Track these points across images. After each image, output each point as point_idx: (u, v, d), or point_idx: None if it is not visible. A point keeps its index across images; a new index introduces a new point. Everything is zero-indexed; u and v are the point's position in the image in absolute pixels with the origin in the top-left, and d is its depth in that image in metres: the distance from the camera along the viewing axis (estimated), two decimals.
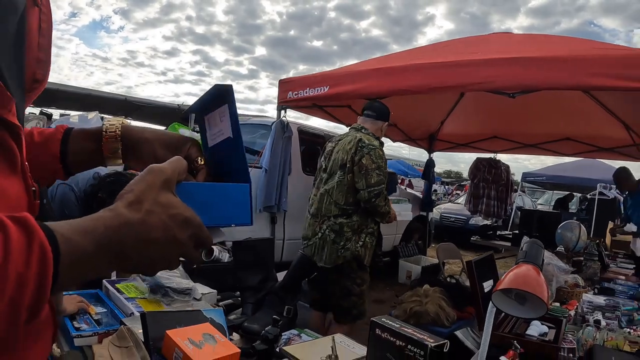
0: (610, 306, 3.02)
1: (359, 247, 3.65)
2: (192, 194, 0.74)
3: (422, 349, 1.43)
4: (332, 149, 3.95)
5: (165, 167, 0.68)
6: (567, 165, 13.27)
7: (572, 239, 5.22)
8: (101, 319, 1.98)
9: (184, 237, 0.64)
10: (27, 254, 0.48)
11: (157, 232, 0.61)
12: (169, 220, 0.63)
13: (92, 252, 0.55)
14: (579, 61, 3.55)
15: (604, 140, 7.10)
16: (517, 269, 1.58)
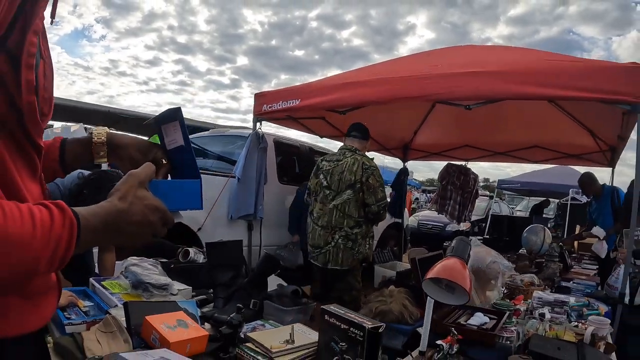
0: (559, 302, 3.24)
1: (367, 250, 4.52)
2: (159, 188, 1.05)
3: (362, 330, 1.67)
4: (331, 169, 4.58)
5: (140, 172, 1.01)
6: (542, 172, 13.45)
7: (536, 242, 5.44)
8: (89, 311, 2.23)
9: (155, 219, 0.97)
10: (62, 223, 0.81)
11: (137, 216, 0.94)
12: (145, 208, 0.95)
13: (99, 228, 0.89)
14: (529, 73, 3.77)
15: (571, 147, 7.26)
16: (446, 261, 1.82)
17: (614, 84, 3.56)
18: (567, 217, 10.40)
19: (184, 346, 1.78)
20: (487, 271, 3.06)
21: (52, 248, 0.78)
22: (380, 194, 4.43)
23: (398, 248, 8.84)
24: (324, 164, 4.69)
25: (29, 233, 0.75)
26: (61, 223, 0.80)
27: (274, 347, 1.89)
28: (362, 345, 1.66)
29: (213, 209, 5.52)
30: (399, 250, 8.81)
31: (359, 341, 1.67)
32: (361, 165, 4.42)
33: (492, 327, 2.53)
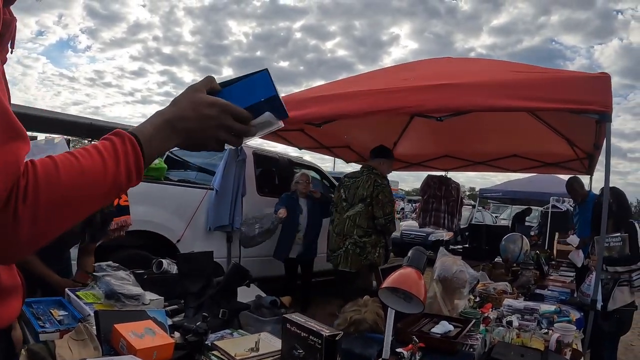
0: (528, 309, 3.28)
1: (375, 257, 5.12)
2: (224, 93, 1.07)
3: (320, 338, 1.72)
4: (350, 184, 5.37)
5: (196, 83, 1.07)
6: (523, 181, 13.58)
7: (514, 250, 5.47)
8: (63, 320, 2.28)
9: (213, 112, 1.01)
10: (122, 142, 0.93)
11: (188, 111, 1.01)
12: (195, 105, 1.01)
13: (153, 132, 0.99)
14: (497, 85, 3.84)
15: (550, 156, 7.35)
16: (402, 270, 1.87)
17: (581, 94, 3.62)
18: (548, 225, 10.47)
19: (150, 353, 1.83)
20: (454, 280, 3.11)
21: (124, 163, 0.92)
22: (388, 208, 5.13)
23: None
24: (345, 180, 5.54)
25: (99, 161, 0.89)
26: (121, 142, 0.93)
27: (239, 355, 1.93)
28: (320, 353, 1.70)
29: (192, 221, 5.56)
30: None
31: (317, 349, 1.72)
32: (373, 182, 5.15)
33: (455, 335, 2.57)
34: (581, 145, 6.35)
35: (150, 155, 0.98)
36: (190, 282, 2.72)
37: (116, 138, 0.94)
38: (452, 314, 3.07)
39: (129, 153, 0.93)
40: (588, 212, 6.17)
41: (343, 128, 5.15)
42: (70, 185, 0.84)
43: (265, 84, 1.08)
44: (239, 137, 1.08)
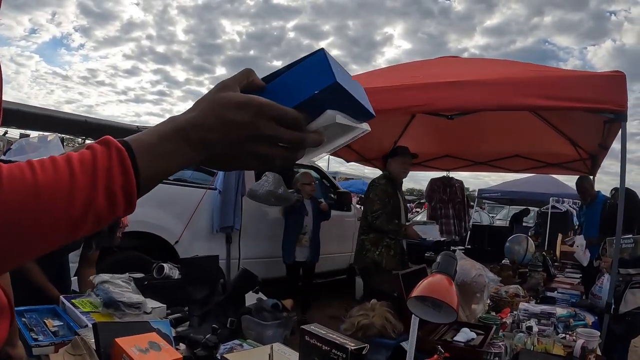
0: (545, 313, 3.17)
1: (376, 255, 5.07)
2: (273, 89, 0.74)
3: (344, 352, 1.57)
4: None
5: (225, 79, 0.75)
6: (522, 181, 13.55)
7: (519, 251, 5.38)
8: (58, 331, 2.11)
9: (243, 118, 0.69)
10: (108, 154, 0.65)
11: (209, 117, 0.70)
12: (218, 107, 0.70)
13: (156, 142, 0.69)
14: (511, 83, 3.73)
15: (552, 156, 7.30)
16: (431, 278, 1.73)
17: (597, 93, 3.56)
18: (547, 226, 10.39)
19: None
20: (473, 285, 2.98)
21: (104, 183, 0.65)
22: (375, 206, 5.12)
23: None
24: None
25: (65, 178, 0.63)
26: (106, 155, 0.66)
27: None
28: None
29: (191, 222, 5.42)
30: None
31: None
32: (370, 182, 5.45)
33: (479, 343, 2.45)
34: (584, 145, 6.32)
35: (148, 174, 0.69)
36: (194, 289, 2.56)
37: (100, 147, 0.67)
38: (469, 319, 2.95)
39: (114, 169, 0.66)
40: (595, 212, 6.08)
41: None
42: (15, 208, 0.60)
43: (321, 68, 0.72)
44: (293, 150, 0.74)
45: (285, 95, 0.72)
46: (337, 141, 0.83)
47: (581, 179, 6.60)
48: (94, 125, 9.46)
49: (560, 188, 12.57)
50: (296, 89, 0.73)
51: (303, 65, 0.75)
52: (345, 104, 0.76)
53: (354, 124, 0.79)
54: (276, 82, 0.76)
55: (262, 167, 0.76)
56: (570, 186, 12.45)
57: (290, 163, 0.77)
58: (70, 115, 9.60)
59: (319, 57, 0.74)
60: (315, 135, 0.74)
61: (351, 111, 0.78)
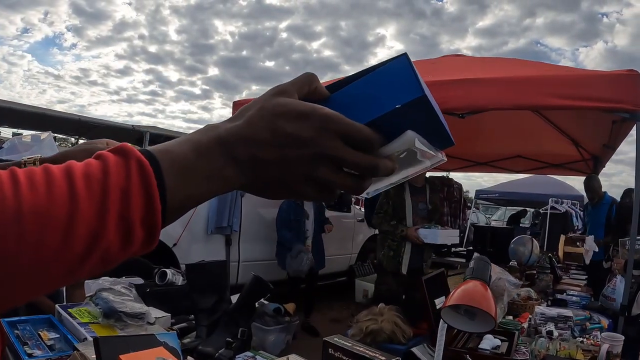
0: (562, 317, 3.08)
1: (381, 255, 5.17)
2: (342, 99, 0.59)
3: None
4: None
5: (282, 84, 0.59)
6: (519, 182, 13.53)
7: (524, 253, 5.29)
8: (54, 344, 1.94)
9: (305, 132, 0.53)
10: (126, 169, 0.48)
11: (261, 131, 0.54)
12: (273, 116, 0.54)
13: (192, 157, 0.52)
14: (525, 82, 3.66)
15: (554, 157, 7.29)
16: (465, 285, 1.61)
17: (612, 92, 3.50)
18: (547, 227, 10.34)
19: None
20: (494, 289, 2.87)
21: (117, 210, 0.47)
22: (378, 206, 5.24)
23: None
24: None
25: (63, 200, 0.45)
26: (123, 170, 0.48)
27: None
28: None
29: (189, 224, 5.29)
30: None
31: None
32: None
33: (506, 351, 2.34)
34: (587, 146, 6.30)
35: (178, 199, 0.52)
36: (200, 296, 2.41)
37: (114, 158, 0.50)
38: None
39: (133, 192, 0.48)
40: (601, 213, 6.00)
41: None
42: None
43: (404, 77, 0.56)
44: (361, 177, 0.58)
45: (356, 109, 0.57)
46: (406, 170, 0.67)
47: (590, 179, 6.50)
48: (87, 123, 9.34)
49: (558, 189, 12.53)
50: (370, 101, 0.57)
51: (380, 73, 0.58)
52: (426, 126, 0.59)
53: (431, 151, 0.63)
54: (344, 91, 0.60)
55: (318, 197, 0.59)
56: (570, 186, 12.44)
57: (355, 193, 0.61)
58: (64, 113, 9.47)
59: (401, 63, 0.58)
60: (388, 162, 0.57)
61: (430, 135, 0.62)
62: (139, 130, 9.87)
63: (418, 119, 0.57)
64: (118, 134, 10.06)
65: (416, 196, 5.16)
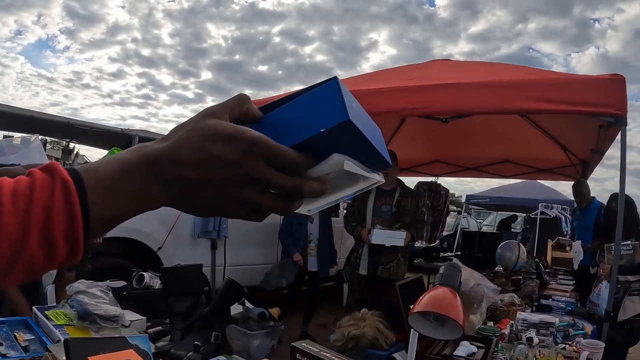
0: (544, 323, 3.07)
1: (352, 257, 5.46)
2: (272, 122, 0.61)
3: None
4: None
5: (213, 105, 0.60)
6: (510, 187, 13.55)
7: (511, 258, 5.28)
8: (29, 345, 1.96)
9: (231, 155, 0.54)
10: (51, 187, 0.51)
11: (188, 152, 0.55)
12: (201, 138, 0.55)
13: (118, 176, 0.54)
14: (509, 86, 3.66)
15: (543, 162, 7.29)
16: (434, 291, 1.60)
17: (597, 97, 3.50)
18: (536, 232, 10.37)
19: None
20: (472, 295, 2.85)
21: (39, 226, 0.49)
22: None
23: None
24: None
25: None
26: (47, 188, 0.51)
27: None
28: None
29: (174, 228, 5.26)
30: None
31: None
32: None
33: (482, 358, 2.32)
34: (575, 151, 6.32)
35: (102, 216, 0.54)
36: (176, 300, 2.40)
37: (41, 176, 0.52)
38: (467, 331, 2.82)
39: (55, 209, 0.51)
40: (590, 218, 6.00)
41: None
42: None
43: (332, 101, 0.58)
44: (288, 199, 0.59)
45: (285, 131, 0.58)
46: (343, 191, 0.68)
47: (579, 183, 6.49)
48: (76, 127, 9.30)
49: (548, 194, 12.59)
50: (299, 124, 0.58)
51: (310, 96, 0.60)
52: (357, 148, 0.61)
53: (365, 173, 0.64)
54: (276, 113, 0.61)
55: (248, 217, 0.59)
56: (559, 192, 12.48)
57: (283, 214, 0.62)
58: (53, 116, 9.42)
59: (330, 87, 0.59)
60: (316, 184, 0.59)
61: (364, 157, 0.63)
62: (128, 134, 9.84)
63: (346, 142, 0.58)
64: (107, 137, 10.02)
65: (381, 198, 5.24)
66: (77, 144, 11.07)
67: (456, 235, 12.04)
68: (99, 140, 10.56)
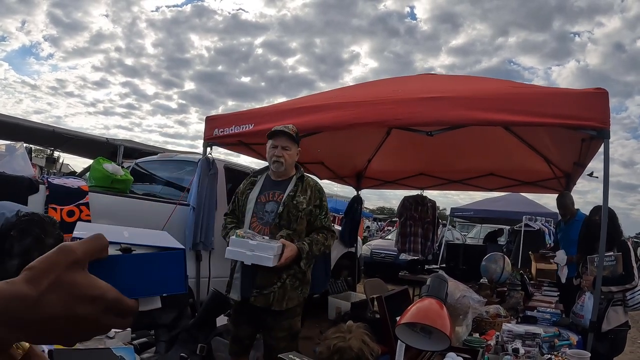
0: (530, 334, 3.08)
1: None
2: (118, 266, 0.71)
3: None
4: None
5: (75, 248, 0.65)
6: (494, 200, 13.62)
7: (496, 270, 5.31)
8: None
9: (92, 312, 0.62)
10: None
11: (55, 309, 0.60)
12: (70, 299, 0.61)
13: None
14: (493, 99, 3.69)
15: (527, 175, 7.31)
16: (420, 303, 1.60)
17: (579, 110, 3.54)
18: (520, 244, 10.44)
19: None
20: (458, 306, 2.86)
21: None
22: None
23: (352, 278, 8.68)
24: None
25: None
26: None
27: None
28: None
29: None
30: (352, 281, 8.66)
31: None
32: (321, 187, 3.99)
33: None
34: (559, 163, 6.36)
35: None
36: (160, 312, 2.38)
37: None
38: (454, 343, 2.83)
39: None
40: (574, 230, 6.02)
41: (320, 142, 4.90)
42: None
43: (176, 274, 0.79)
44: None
45: (133, 280, 0.72)
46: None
47: (563, 196, 6.53)
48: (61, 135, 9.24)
49: (532, 207, 12.66)
50: (146, 279, 0.74)
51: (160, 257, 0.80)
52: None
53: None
54: (129, 258, 0.76)
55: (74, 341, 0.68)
56: (543, 205, 12.56)
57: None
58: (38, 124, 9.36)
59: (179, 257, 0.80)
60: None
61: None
62: (113, 144, 9.79)
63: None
64: (91, 146, 9.95)
65: (267, 193, 3.71)
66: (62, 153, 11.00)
67: (441, 247, 12.08)
68: (83, 149, 10.51)
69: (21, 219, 2.60)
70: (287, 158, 3.63)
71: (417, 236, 8.01)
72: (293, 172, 3.76)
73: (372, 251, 13.88)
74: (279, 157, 3.61)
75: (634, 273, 4.06)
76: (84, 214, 3.86)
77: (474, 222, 20.86)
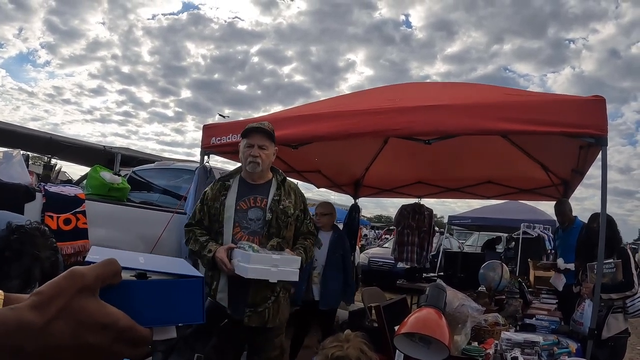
0: (529, 342, 3.07)
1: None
2: (132, 292, 0.69)
3: None
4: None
5: (86, 272, 0.62)
6: (492, 208, 13.61)
7: (494, 278, 5.29)
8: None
9: (102, 341, 0.61)
10: None
11: (62, 338, 0.58)
12: (79, 327, 0.59)
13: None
14: (491, 107, 3.68)
15: (525, 182, 7.30)
16: (418, 312, 1.59)
17: (577, 118, 3.51)
18: (519, 251, 10.42)
19: None
20: (456, 315, 2.85)
21: None
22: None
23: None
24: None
25: None
26: None
27: None
28: None
29: (156, 247, 5.19)
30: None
31: None
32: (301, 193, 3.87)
33: None
34: (557, 171, 6.35)
35: None
36: None
37: None
38: (452, 352, 2.81)
39: None
40: (572, 237, 6.02)
41: (318, 150, 4.89)
42: None
43: (193, 302, 0.77)
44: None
45: (147, 307, 0.70)
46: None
47: (561, 203, 6.54)
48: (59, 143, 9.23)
49: (530, 214, 12.64)
50: (161, 307, 0.72)
51: (178, 285, 0.76)
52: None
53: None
54: (144, 285, 0.73)
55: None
56: (541, 211, 12.54)
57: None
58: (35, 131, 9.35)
59: (194, 286, 0.77)
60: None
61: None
62: (111, 152, 9.76)
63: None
64: (89, 154, 9.93)
65: (246, 199, 3.43)
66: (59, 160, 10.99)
67: (439, 255, 12.06)
68: (80, 156, 10.48)
69: (11, 239, 2.51)
70: (264, 158, 3.38)
71: (414, 245, 7.98)
72: (269, 174, 3.56)
73: (369, 259, 13.89)
74: (255, 157, 3.36)
75: (634, 280, 4.05)
76: (80, 222, 3.84)
77: (471, 230, 20.87)
